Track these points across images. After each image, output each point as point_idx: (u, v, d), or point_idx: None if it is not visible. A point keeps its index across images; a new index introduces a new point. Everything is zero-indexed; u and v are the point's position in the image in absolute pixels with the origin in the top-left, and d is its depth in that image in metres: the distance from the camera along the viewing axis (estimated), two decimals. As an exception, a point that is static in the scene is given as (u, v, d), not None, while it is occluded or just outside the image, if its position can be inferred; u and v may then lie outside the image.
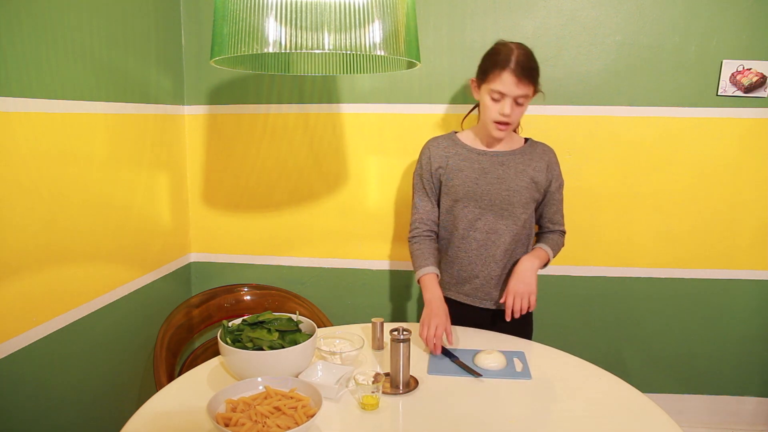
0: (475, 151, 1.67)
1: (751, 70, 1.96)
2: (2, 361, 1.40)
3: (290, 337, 1.33)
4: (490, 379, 1.35)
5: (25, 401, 1.49)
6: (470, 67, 1.64)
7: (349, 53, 1.45)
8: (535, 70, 1.52)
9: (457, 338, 1.59)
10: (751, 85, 1.97)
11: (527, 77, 1.49)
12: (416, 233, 1.71)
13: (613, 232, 2.15)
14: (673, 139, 2.05)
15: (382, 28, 1.10)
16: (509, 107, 1.51)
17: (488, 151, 1.66)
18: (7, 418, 1.43)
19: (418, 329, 1.63)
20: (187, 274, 2.32)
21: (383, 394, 1.26)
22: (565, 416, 1.21)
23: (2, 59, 1.36)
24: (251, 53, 1.14)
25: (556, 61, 2.04)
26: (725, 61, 1.97)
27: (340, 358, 1.40)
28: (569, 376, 1.39)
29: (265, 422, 1.05)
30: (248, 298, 2.22)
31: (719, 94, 2.00)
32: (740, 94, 1.99)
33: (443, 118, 2.11)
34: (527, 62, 1.50)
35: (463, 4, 2.03)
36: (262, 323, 1.35)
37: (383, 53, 1.12)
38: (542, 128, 2.05)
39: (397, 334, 1.28)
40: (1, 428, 1.42)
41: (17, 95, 1.40)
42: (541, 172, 1.65)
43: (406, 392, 1.28)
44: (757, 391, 2.23)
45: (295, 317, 1.40)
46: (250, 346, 1.28)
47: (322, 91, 2.15)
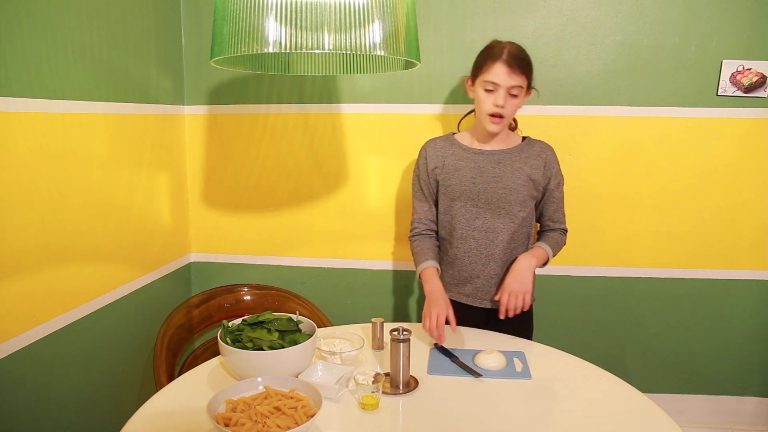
0: (471, 150, 1.67)
1: (751, 70, 1.96)
2: (2, 361, 1.40)
3: (290, 337, 1.33)
4: (490, 379, 1.35)
5: (25, 401, 1.49)
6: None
7: (349, 53, 1.46)
8: (527, 62, 1.56)
9: (457, 338, 1.59)
10: (751, 85, 1.97)
11: (519, 67, 1.53)
12: (416, 232, 1.76)
13: (613, 232, 2.15)
14: (673, 139, 2.05)
15: (382, 28, 1.10)
16: (503, 98, 1.54)
17: (485, 150, 1.67)
18: (7, 418, 1.43)
19: (418, 329, 1.64)
20: (187, 274, 2.32)
21: (383, 394, 1.26)
22: (565, 416, 1.21)
23: (2, 59, 1.36)
24: (251, 53, 1.14)
25: (556, 61, 2.04)
26: (725, 61, 1.97)
27: (340, 358, 1.40)
28: (569, 376, 1.39)
29: (265, 422, 1.05)
30: (248, 298, 2.22)
31: (719, 94, 2.00)
32: (740, 94, 1.99)
33: (443, 118, 2.11)
34: (519, 54, 1.55)
35: (463, 4, 2.03)
36: (262, 323, 1.35)
37: (383, 53, 1.12)
38: (542, 128, 2.05)
39: (397, 334, 1.28)
40: (1, 428, 1.42)
41: (17, 95, 1.41)
42: (538, 169, 1.65)
43: (406, 392, 1.28)
44: (757, 391, 2.23)
45: (295, 317, 1.40)
46: (250, 346, 1.28)
47: (322, 91, 2.15)
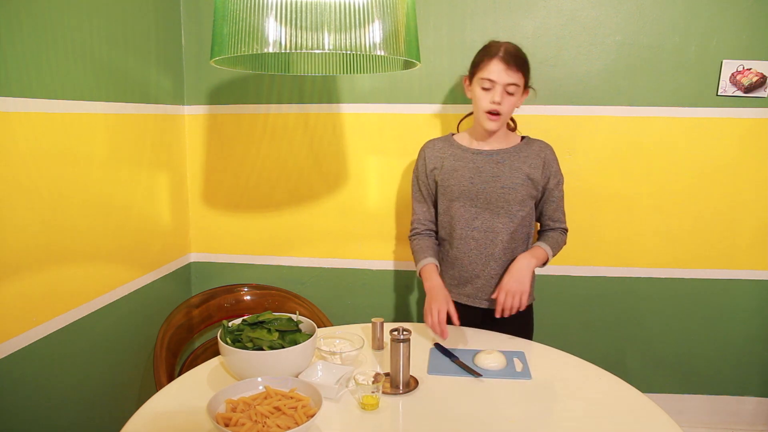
0: (470, 150, 1.68)
1: (751, 70, 1.96)
2: (2, 361, 1.40)
3: (290, 337, 1.33)
4: (490, 379, 1.35)
5: (25, 401, 1.49)
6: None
7: (349, 53, 1.45)
8: (523, 60, 1.58)
9: (457, 338, 1.59)
10: (751, 85, 1.97)
11: (516, 65, 1.55)
12: (415, 232, 1.78)
13: (613, 232, 2.15)
14: (673, 139, 2.05)
15: (382, 28, 1.10)
16: (499, 95, 1.55)
17: (483, 150, 1.67)
18: (7, 418, 1.43)
19: (418, 329, 1.64)
20: (187, 274, 2.32)
21: (383, 394, 1.26)
22: (565, 416, 1.21)
23: (2, 59, 1.36)
24: (251, 53, 1.14)
25: (556, 61, 2.04)
26: (725, 61, 1.97)
27: (340, 358, 1.40)
28: (569, 376, 1.39)
29: (265, 422, 1.05)
30: (248, 298, 2.22)
31: (719, 94, 2.00)
32: (740, 94, 1.99)
33: (443, 118, 2.11)
34: (515, 52, 1.57)
35: (463, 4, 2.03)
36: (262, 323, 1.35)
37: (383, 53, 1.12)
38: (542, 128, 2.05)
39: (397, 334, 1.28)
40: (1, 428, 1.42)
41: (17, 95, 1.41)
42: (536, 169, 1.65)
43: (406, 392, 1.28)
44: (757, 391, 2.23)
45: (295, 317, 1.40)
46: (250, 346, 1.28)
47: (322, 91, 2.15)
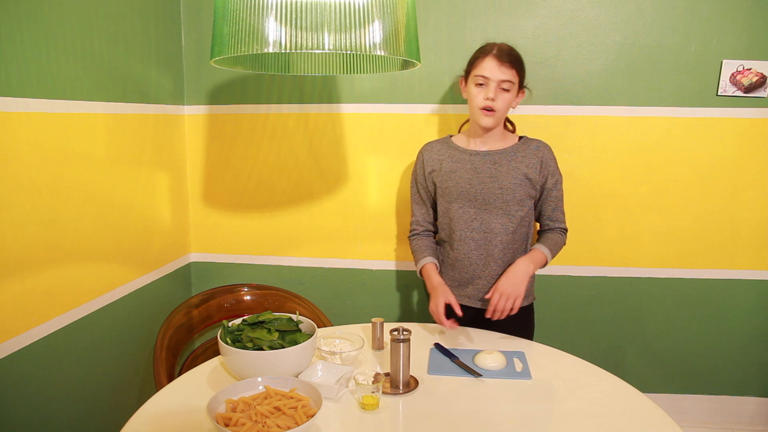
0: (467, 152, 1.69)
1: (751, 70, 1.96)
2: (2, 361, 1.40)
3: (290, 337, 1.33)
4: (490, 379, 1.35)
5: (25, 401, 1.49)
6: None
7: (349, 53, 1.46)
8: (517, 58, 1.61)
9: (457, 338, 1.59)
10: (751, 85, 1.97)
11: (509, 62, 1.58)
12: (414, 233, 1.81)
13: (613, 232, 2.14)
14: (673, 139, 2.05)
15: (382, 28, 1.10)
16: (493, 91, 1.58)
17: (480, 151, 1.68)
18: (7, 417, 1.43)
19: (418, 329, 1.65)
20: (187, 274, 2.32)
21: (383, 394, 1.26)
22: (565, 416, 1.21)
23: (2, 59, 1.36)
24: (251, 53, 1.14)
25: (556, 61, 2.04)
26: (725, 61, 1.97)
27: (340, 358, 1.40)
28: (569, 376, 1.39)
29: (265, 422, 1.05)
30: (248, 298, 2.22)
31: (719, 94, 2.00)
32: (740, 94, 1.99)
33: (443, 118, 2.11)
34: (509, 50, 1.61)
35: (463, 4, 2.03)
36: (262, 323, 1.35)
37: (383, 53, 1.12)
38: (542, 128, 2.05)
39: (397, 334, 1.28)
40: (1, 428, 1.42)
41: (17, 95, 1.40)
42: (534, 168, 1.65)
43: (406, 392, 1.28)
44: (757, 391, 2.23)
45: (295, 317, 1.40)
46: (250, 346, 1.28)
47: (322, 91, 2.15)
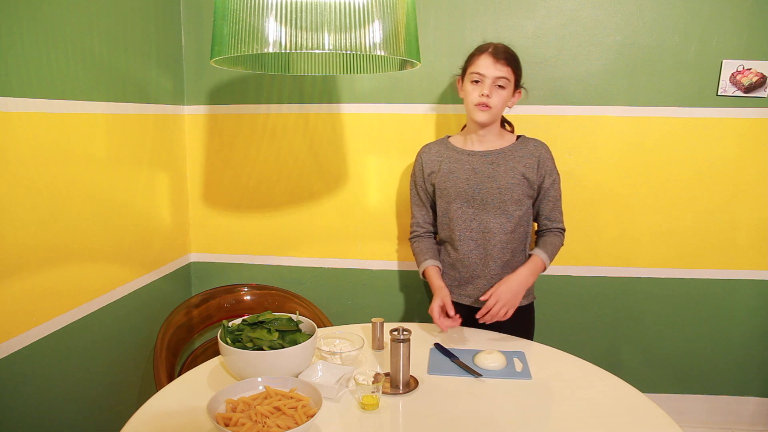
0: (465, 152, 1.70)
1: (751, 70, 1.96)
2: (2, 361, 1.40)
3: (290, 337, 1.33)
4: (490, 379, 1.35)
5: (25, 401, 1.49)
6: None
7: (349, 53, 1.46)
8: (512, 56, 1.63)
9: (457, 338, 1.59)
10: (751, 85, 1.97)
11: (504, 59, 1.60)
12: (414, 235, 1.82)
13: (613, 231, 2.14)
14: (673, 139, 2.05)
15: (382, 28, 1.10)
16: (488, 88, 1.60)
17: (478, 151, 1.69)
18: (7, 417, 1.43)
19: (418, 329, 1.65)
20: (187, 274, 2.32)
21: (383, 394, 1.26)
22: (565, 416, 1.21)
23: (2, 59, 1.36)
24: (251, 53, 1.14)
25: (556, 61, 2.04)
26: (725, 61, 1.97)
27: (340, 358, 1.40)
28: (569, 376, 1.39)
29: (265, 422, 1.05)
30: (248, 298, 2.22)
31: (719, 94, 2.00)
32: (740, 94, 1.99)
33: (443, 118, 2.11)
34: (504, 48, 1.63)
35: (463, 4, 2.03)
36: (262, 323, 1.35)
37: (383, 53, 1.12)
38: (542, 128, 2.05)
39: (397, 334, 1.28)
40: (1, 428, 1.42)
41: (17, 95, 1.40)
42: (531, 168, 1.66)
43: (406, 392, 1.28)
44: (757, 391, 2.23)
45: (295, 317, 1.40)
46: (250, 346, 1.28)
47: (322, 91, 2.15)
